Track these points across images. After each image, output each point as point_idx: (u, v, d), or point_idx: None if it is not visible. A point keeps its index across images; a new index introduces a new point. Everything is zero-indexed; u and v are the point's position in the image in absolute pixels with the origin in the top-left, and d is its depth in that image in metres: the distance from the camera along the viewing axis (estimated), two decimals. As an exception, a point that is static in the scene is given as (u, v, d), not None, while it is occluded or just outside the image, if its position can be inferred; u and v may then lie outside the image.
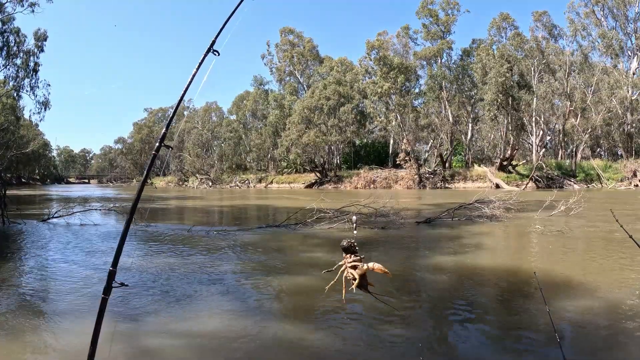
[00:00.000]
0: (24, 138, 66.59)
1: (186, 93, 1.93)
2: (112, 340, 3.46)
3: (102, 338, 1.76)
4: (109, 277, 1.70)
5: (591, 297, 5.10)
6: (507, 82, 43.56)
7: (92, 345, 1.63)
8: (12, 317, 4.56)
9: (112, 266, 1.72)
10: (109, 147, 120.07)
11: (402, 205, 17.48)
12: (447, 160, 53.25)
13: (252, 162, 73.85)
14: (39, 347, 3.83)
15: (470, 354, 3.69)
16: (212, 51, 1.96)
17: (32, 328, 4.26)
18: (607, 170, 41.47)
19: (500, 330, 4.26)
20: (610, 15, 48.97)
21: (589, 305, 4.78)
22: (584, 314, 4.49)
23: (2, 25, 41.64)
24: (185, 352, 3.70)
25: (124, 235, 1.77)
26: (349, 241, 1.82)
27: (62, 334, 4.08)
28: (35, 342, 3.92)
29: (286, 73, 69.08)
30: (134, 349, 3.76)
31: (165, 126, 1.99)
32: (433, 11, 53.94)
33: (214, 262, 7.51)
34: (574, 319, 4.31)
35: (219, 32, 1.98)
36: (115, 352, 3.36)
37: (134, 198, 1.89)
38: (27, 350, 3.77)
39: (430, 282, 6.40)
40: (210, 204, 26.38)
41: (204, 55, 1.94)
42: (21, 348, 3.80)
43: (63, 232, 11.73)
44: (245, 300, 5.24)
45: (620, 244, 8.60)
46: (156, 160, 1.98)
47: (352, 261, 1.79)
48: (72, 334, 4.08)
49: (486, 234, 10.72)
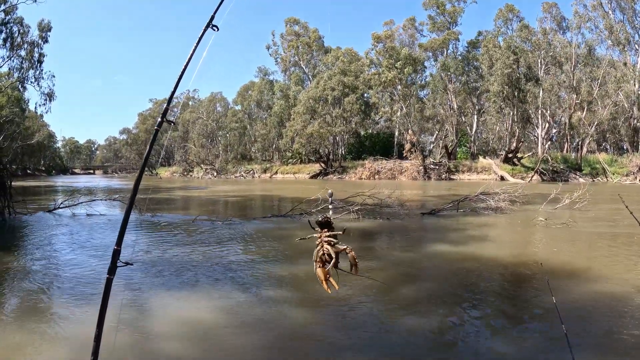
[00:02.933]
0: (29, 129, 66.67)
1: (186, 70, 1.90)
2: (118, 325, 3.50)
3: (107, 325, 1.75)
4: (113, 255, 1.67)
5: (597, 288, 5.09)
6: (513, 74, 43.26)
7: (98, 327, 1.63)
8: (20, 306, 4.61)
9: (117, 245, 1.69)
10: (113, 137, 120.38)
11: (407, 196, 17.47)
12: (452, 152, 53.05)
13: (257, 152, 73.75)
14: (48, 335, 3.86)
15: (474, 343, 3.70)
16: (211, 26, 1.93)
17: (39, 316, 4.30)
18: (612, 165, 41.19)
19: (505, 320, 4.26)
20: (618, 9, 48.47)
21: (595, 296, 4.78)
22: (590, 304, 4.49)
23: (5, 16, 41.53)
24: (188, 339, 3.73)
25: (128, 212, 1.74)
26: (324, 216, 1.77)
27: (69, 322, 4.12)
28: (43, 330, 3.96)
29: (291, 63, 68.90)
30: (138, 334, 3.79)
31: (167, 101, 1.96)
32: (440, 2, 53.58)
33: (217, 251, 7.54)
34: (581, 309, 4.31)
35: (218, 6, 1.94)
36: (120, 338, 3.39)
37: (136, 175, 1.84)
38: (35, 337, 3.80)
39: (435, 271, 6.40)
40: (215, 194, 26.43)
41: (203, 30, 1.90)
42: (29, 336, 3.83)
43: (69, 223, 11.79)
44: (249, 288, 5.26)
45: (627, 237, 8.58)
46: (160, 148, 1.95)
47: (328, 235, 1.73)
48: (79, 321, 4.11)
49: (491, 226, 10.71)
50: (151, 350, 3.56)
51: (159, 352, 3.54)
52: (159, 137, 1.92)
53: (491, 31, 51.60)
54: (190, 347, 3.59)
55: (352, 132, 58.97)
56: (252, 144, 74.88)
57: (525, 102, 45.61)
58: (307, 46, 66.45)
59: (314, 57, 67.58)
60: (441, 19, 54.32)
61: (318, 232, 1.76)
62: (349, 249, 1.70)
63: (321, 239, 1.74)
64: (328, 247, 1.70)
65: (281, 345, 3.70)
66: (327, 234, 1.73)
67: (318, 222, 1.78)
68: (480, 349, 3.59)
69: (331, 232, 1.74)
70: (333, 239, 1.72)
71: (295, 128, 54.50)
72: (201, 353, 3.51)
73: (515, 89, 44.00)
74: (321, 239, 1.74)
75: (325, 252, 1.70)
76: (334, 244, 1.72)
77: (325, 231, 1.74)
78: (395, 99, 53.02)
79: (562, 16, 50.57)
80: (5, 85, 48.63)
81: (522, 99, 45.11)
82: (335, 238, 1.73)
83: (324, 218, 1.77)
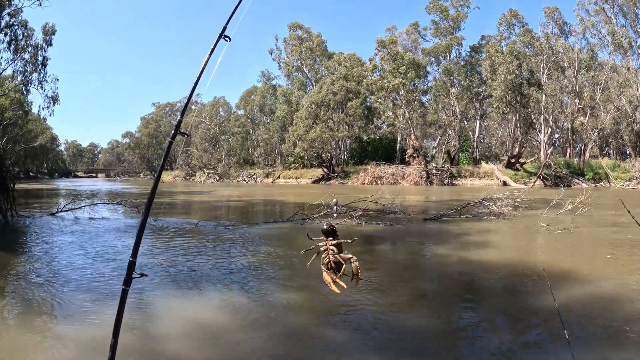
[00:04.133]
0: (32, 132, 66.81)
1: (199, 81, 1.94)
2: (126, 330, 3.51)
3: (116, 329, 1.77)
4: (129, 267, 1.69)
5: (599, 294, 5.09)
6: (516, 79, 43.31)
7: (114, 337, 1.64)
8: (23, 310, 4.62)
9: (132, 257, 1.72)
10: (116, 141, 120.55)
11: (409, 201, 17.47)
12: (455, 157, 53.10)
13: (260, 157, 73.78)
14: (52, 339, 3.88)
15: (476, 348, 3.70)
16: (223, 37, 1.97)
17: (43, 320, 4.32)
18: (615, 170, 41.18)
19: (507, 326, 4.27)
20: (620, 14, 48.49)
21: (597, 302, 4.78)
22: (592, 310, 4.49)
23: (10, 19, 41.63)
24: (195, 342, 3.75)
25: (143, 226, 1.77)
26: (329, 224, 1.79)
27: (73, 326, 4.13)
28: (47, 334, 3.98)
29: (294, 68, 69.00)
30: (145, 338, 3.81)
31: (180, 114, 2.03)
32: (443, 7, 53.71)
33: (221, 255, 7.56)
34: (583, 315, 4.31)
35: (230, 17, 1.99)
36: (127, 342, 3.41)
37: (151, 188, 1.88)
38: (40, 342, 3.82)
39: (438, 276, 6.41)
40: (218, 198, 26.46)
41: (216, 41, 1.95)
42: (33, 340, 3.85)
43: (71, 226, 11.81)
44: (254, 293, 5.27)
45: (629, 242, 8.57)
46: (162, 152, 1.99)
47: (333, 243, 1.75)
48: (83, 325, 4.13)
49: (494, 232, 10.71)
50: (158, 353, 3.58)
51: (166, 355, 3.55)
52: (161, 140, 1.94)
53: (494, 36, 51.69)
54: (197, 351, 3.61)
55: (355, 137, 59.01)
56: (255, 149, 74.96)
57: (527, 107, 45.64)
58: (310, 51, 66.58)
59: (317, 62, 67.71)
60: (444, 24, 54.44)
61: (323, 241, 1.78)
62: (354, 258, 1.73)
63: (327, 247, 1.76)
64: (338, 256, 1.73)
65: (288, 347, 3.71)
66: (333, 242, 1.75)
67: (323, 230, 1.80)
68: (483, 353, 3.60)
69: (336, 239, 1.76)
70: (337, 249, 1.75)
71: (297, 133, 54.55)
72: (208, 356, 3.52)
73: (518, 94, 44.03)
74: (327, 247, 1.76)
75: (331, 260, 1.73)
76: (338, 252, 1.74)
77: (331, 239, 1.76)
78: (397, 104, 53.05)
79: (564, 21, 50.66)
80: (9, 88, 48.75)
81: (525, 104, 45.15)
82: (340, 247, 1.76)
83: (329, 226, 1.79)
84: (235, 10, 2.02)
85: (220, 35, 1.95)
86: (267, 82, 74.39)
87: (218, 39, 1.95)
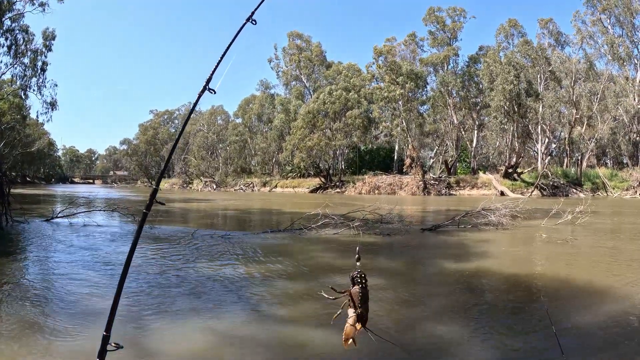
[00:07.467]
0: (29, 137, 66.80)
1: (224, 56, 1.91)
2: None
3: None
4: (103, 342, 1.57)
5: (598, 310, 5.01)
6: (514, 90, 43.46)
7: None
8: (14, 318, 4.52)
9: (106, 331, 1.58)
10: (114, 147, 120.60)
11: (407, 211, 17.41)
12: (452, 167, 53.12)
13: (257, 165, 73.80)
14: (42, 350, 3.78)
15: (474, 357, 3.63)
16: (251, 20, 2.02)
17: (34, 330, 4.22)
18: (612, 179, 41.27)
19: (503, 344, 4.18)
20: (617, 24, 48.86)
21: (595, 319, 4.69)
22: (590, 328, 4.41)
23: (12, 23, 41.63)
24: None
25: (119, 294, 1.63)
26: (359, 272, 1.70)
27: (64, 336, 4.03)
28: (37, 345, 3.88)
29: (293, 77, 69.20)
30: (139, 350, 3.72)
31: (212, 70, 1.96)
32: (440, 18, 54.00)
33: (217, 266, 7.47)
34: (580, 334, 4.23)
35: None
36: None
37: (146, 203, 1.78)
38: (29, 352, 3.72)
39: (435, 287, 6.33)
40: (215, 207, 26.36)
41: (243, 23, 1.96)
42: (24, 350, 3.76)
43: (66, 232, 11.71)
44: (251, 304, 5.18)
45: (628, 254, 8.51)
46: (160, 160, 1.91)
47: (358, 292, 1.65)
48: (73, 336, 4.03)
49: (492, 242, 10.63)
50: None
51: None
52: (159, 148, 1.88)
53: (492, 46, 51.96)
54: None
55: (352, 146, 59.08)
56: (252, 157, 75.06)
57: (525, 117, 45.77)
58: (309, 60, 66.78)
59: (315, 71, 67.90)
60: (441, 34, 54.69)
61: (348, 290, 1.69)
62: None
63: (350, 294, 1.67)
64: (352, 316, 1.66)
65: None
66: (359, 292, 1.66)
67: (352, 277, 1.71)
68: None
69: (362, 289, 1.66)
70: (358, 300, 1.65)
71: (294, 142, 54.54)
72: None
73: (516, 104, 44.17)
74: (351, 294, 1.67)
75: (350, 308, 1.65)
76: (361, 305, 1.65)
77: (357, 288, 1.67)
78: (396, 114, 53.16)
79: (559, 31, 51.06)
80: (7, 92, 48.66)
81: (523, 114, 45.27)
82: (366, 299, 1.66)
83: (360, 274, 1.70)
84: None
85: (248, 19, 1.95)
86: (265, 90, 74.64)
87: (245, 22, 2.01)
